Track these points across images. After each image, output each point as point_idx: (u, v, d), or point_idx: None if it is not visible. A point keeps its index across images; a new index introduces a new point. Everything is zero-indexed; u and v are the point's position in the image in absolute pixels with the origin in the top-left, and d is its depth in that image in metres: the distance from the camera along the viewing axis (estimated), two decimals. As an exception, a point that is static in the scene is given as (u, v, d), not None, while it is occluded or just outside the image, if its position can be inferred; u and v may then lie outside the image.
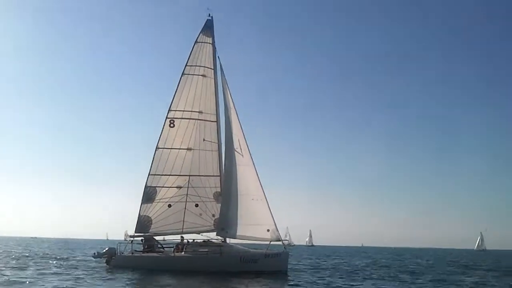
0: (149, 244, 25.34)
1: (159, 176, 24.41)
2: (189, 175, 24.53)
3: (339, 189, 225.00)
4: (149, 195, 24.36)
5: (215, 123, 25.29)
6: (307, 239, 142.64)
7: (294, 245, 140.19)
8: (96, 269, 23.86)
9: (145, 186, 24.46)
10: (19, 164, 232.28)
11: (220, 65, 25.55)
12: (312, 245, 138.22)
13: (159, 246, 25.50)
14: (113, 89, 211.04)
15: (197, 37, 25.37)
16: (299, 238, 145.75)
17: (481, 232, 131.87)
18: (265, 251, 23.53)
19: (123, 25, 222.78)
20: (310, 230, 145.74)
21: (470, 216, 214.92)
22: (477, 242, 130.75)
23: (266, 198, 23.92)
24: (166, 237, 25.89)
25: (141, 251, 25.40)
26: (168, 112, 24.68)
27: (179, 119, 24.61)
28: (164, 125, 24.60)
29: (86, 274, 21.23)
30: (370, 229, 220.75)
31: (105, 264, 25.74)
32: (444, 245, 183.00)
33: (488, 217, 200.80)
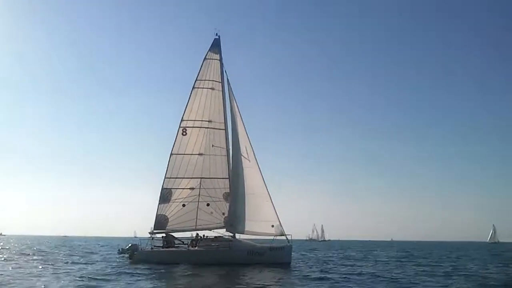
0: (167, 240, 28.10)
1: (174, 179, 27.15)
2: (201, 178, 27.28)
3: (356, 185, 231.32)
4: (165, 196, 27.13)
5: (224, 130, 27.97)
6: (316, 234, 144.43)
7: (329, 240, 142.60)
8: (121, 263, 26.68)
9: (162, 188, 27.21)
10: (47, 165, 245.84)
11: (227, 78, 28.37)
12: (324, 240, 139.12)
13: (181, 242, 28.05)
14: (136, 101, 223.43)
15: (206, 54, 28.17)
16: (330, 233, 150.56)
17: (493, 225, 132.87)
18: (270, 245, 26.23)
19: (142, 43, 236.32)
20: (322, 225, 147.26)
21: (483, 209, 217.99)
22: (490, 235, 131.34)
23: (270, 196, 26.63)
24: (184, 234, 28.54)
25: (160, 247, 28.18)
26: (180, 122, 27.47)
27: (191, 128, 27.42)
28: (177, 134, 27.39)
29: (112, 268, 23.90)
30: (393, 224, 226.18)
31: (128, 259, 28.57)
32: (458, 238, 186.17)
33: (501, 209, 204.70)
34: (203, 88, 27.77)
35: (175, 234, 28.24)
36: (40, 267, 23.41)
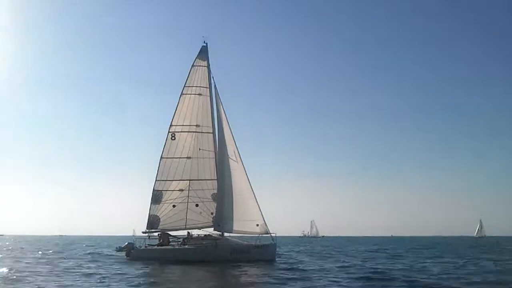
0: (163, 238, 29.65)
1: (164, 181, 28.64)
2: (189, 180, 28.69)
3: (356, 182, 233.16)
4: (156, 198, 28.66)
5: (211, 134, 29.28)
6: (316, 230, 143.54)
7: (322, 236, 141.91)
8: (118, 260, 28.37)
9: (153, 190, 28.73)
10: (45, 163, 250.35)
11: (215, 84, 29.62)
12: (316, 237, 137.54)
13: (176, 240, 29.44)
14: (125, 108, 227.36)
15: (194, 62, 29.46)
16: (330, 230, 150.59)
17: (480, 220, 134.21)
18: (255, 243, 27.50)
19: (130, 51, 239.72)
20: (311, 221, 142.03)
21: (472, 202, 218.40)
22: (477, 229, 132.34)
23: (255, 197, 27.83)
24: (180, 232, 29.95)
25: (155, 245, 29.79)
26: (170, 127, 28.89)
27: (179, 133, 28.82)
28: (167, 138, 28.84)
29: (111, 264, 25.73)
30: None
31: (125, 256, 30.34)
32: (455, 233, 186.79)
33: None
34: (191, 94, 29.08)
35: (171, 233, 29.82)
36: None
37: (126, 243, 31.07)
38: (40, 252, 39.81)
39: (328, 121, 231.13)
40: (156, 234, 29.68)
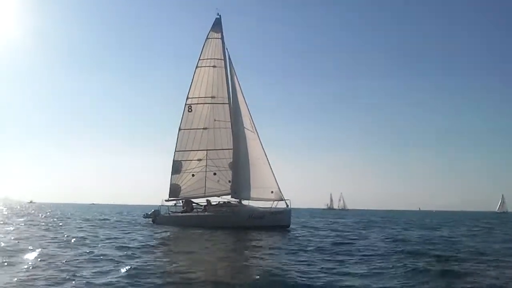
0: (187, 205, 31.32)
1: (183, 152, 29.94)
2: (207, 150, 29.84)
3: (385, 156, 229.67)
4: (176, 168, 30.08)
5: (227, 105, 30.10)
6: (343, 203, 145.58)
7: (348, 209, 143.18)
8: (146, 225, 30.42)
9: (173, 160, 30.15)
10: (77, 137, 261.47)
11: (229, 56, 30.17)
12: (343, 209, 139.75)
13: (199, 206, 30.99)
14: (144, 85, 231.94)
15: (208, 34, 30.06)
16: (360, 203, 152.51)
17: (502, 195, 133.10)
18: (270, 209, 28.61)
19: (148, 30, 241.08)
20: (341, 193, 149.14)
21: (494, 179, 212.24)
22: (499, 204, 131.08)
23: (270, 165, 28.77)
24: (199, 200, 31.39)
25: (178, 212, 31.51)
26: (186, 100, 29.94)
27: (196, 105, 29.84)
28: (184, 110, 29.94)
29: (141, 228, 27.89)
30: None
31: (151, 222, 32.32)
32: (479, 208, 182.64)
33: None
34: (205, 66, 29.81)
35: (195, 200, 31.33)
36: None
37: (153, 210, 32.96)
38: (48, 212, 51.48)
39: (350, 94, 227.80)
40: (181, 202, 31.42)
